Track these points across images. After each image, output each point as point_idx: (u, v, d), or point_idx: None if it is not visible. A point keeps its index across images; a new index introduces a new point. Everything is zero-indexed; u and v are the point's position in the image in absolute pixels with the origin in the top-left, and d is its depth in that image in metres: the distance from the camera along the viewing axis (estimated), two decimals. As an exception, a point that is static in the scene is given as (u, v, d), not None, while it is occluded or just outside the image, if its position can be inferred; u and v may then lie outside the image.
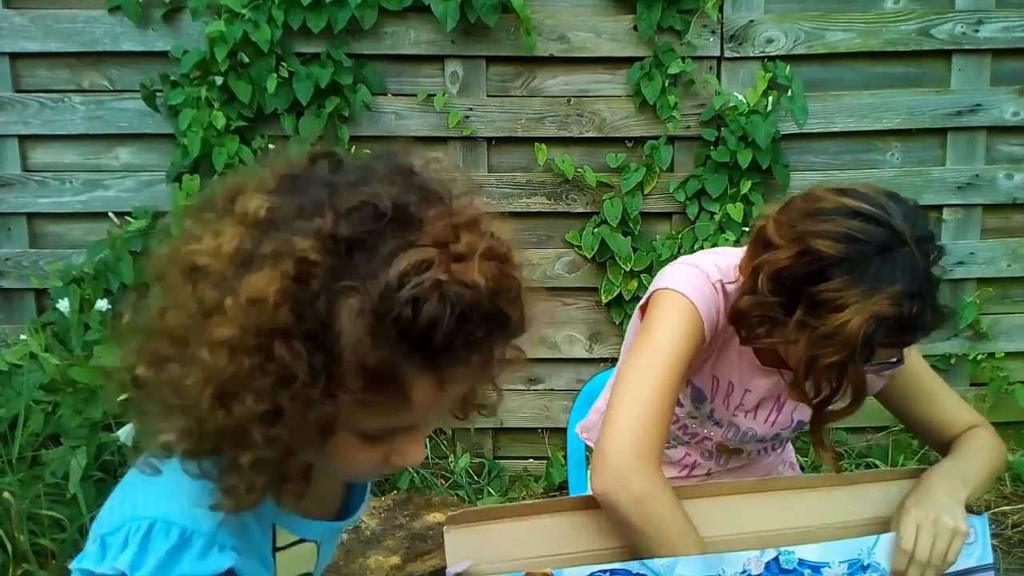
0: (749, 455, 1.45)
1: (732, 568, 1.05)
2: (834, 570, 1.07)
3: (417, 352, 0.62)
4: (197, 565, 0.66)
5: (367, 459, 0.71)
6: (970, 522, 1.14)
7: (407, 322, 0.60)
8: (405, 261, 0.61)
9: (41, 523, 1.95)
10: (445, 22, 2.44)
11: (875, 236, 1.08)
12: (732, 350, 1.30)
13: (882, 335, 1.08)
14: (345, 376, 0.61)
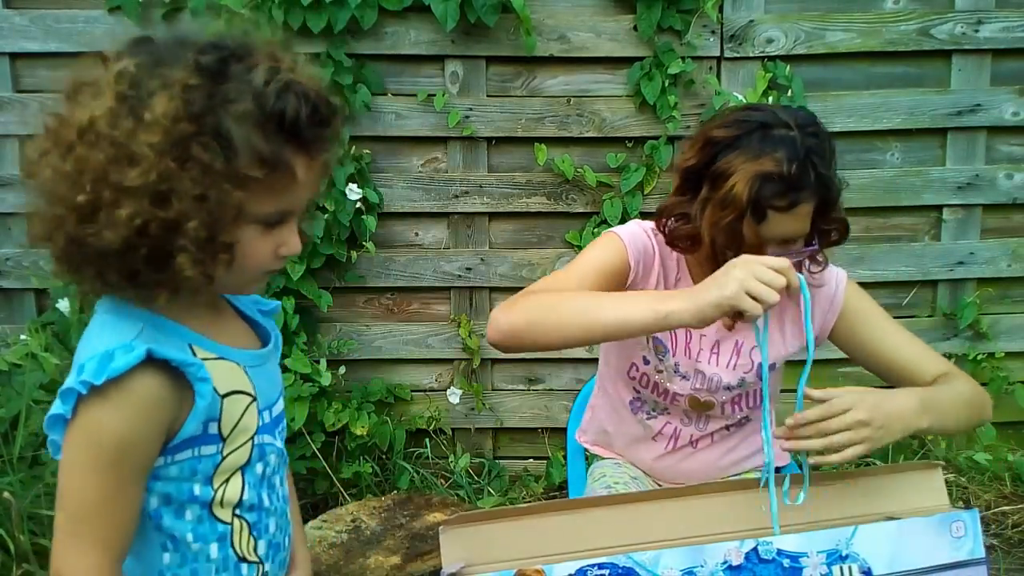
0: (722, 409, 1.50)
1: (713, 559, 1.08)
2: (812, 560, 1.09)
3: (292, 138, 0.84)
4: (121, 360, 0.83)
5: (263, 250, 0.90)
6: (961, 516, 1.15)
7: (280, 114, 0.83)
8: (261, 72, 0.83)
9: (41, 523, 1.95)
10: (445, 22, 2.44)
11: (758, 117, 1.30)
12: None
13: (768, 192, 1.25)
14: (245, 166, 0.82)
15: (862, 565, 1.10)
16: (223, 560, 0.96)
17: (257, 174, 0.83)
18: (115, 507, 0.87)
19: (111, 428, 0.85)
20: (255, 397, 0.96)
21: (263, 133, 0.82)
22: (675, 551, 1.08)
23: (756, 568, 1.08)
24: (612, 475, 1.60)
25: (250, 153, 0.82)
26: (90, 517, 0.86)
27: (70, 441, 0.86)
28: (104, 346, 0.86)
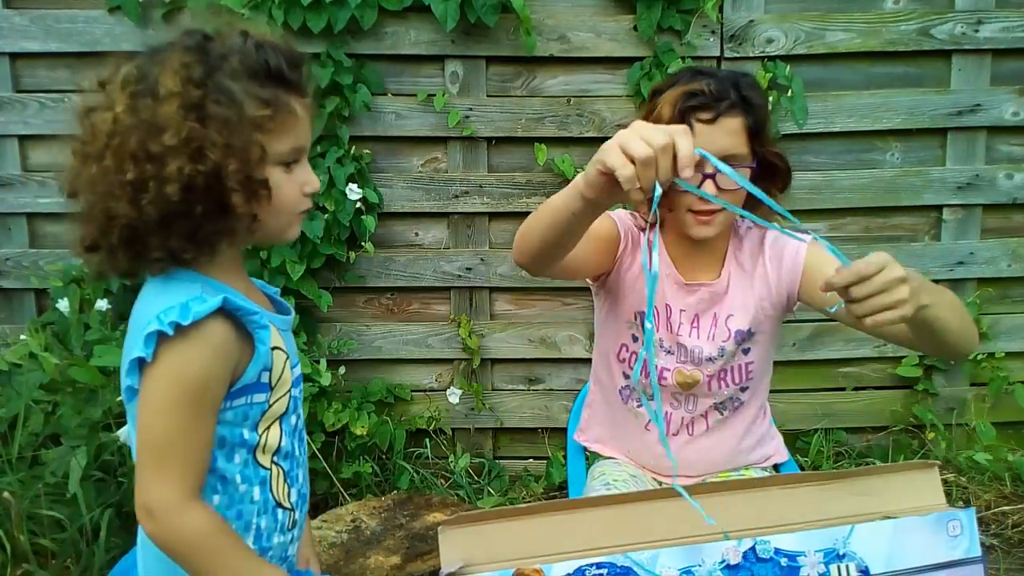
0: (709, 387, 1.53)
1: (711, 558, 1.08)
2: (810, 559, 1.10)
3: (281, 83, 0.99)
4: (201, 306, 0.94)
5: (291, 191, 1.02)
6: (957, 515, 1.15)
7: (264, 66, 0.98)
8: (236, 40, 0.99)
9: (41, 523, 1.96)
10: (445, 22, 2.44)
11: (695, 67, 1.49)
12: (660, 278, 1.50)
13: (692, 104, 1.35)
14: (254, 111, 0.96)
15: (859, 564, 1.11)
16: (263, 503, 1.06)
17: (266, 113, 0.96)
18: (195, 440, 0.97)
19: (193, 367, 0.95)
20: (288, 355, 1.09)
21: (257, 81, 0.97)
22: (673, 550, 1.08)
23: (754, 567, 1.08)
24: (611, 473, 1.60)
25: (254, 100, 0.96)
26: (173, 450, 0.95)
27: (153, 382, 0.95)
28: (174, 300, 0.95)
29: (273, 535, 1.09)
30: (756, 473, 1.62)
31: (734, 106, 1.36)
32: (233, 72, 0.96)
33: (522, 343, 2.71)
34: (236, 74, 0.96)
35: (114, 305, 2.44)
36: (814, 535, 1.11)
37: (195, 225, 0.96)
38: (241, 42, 0.98)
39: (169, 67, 0.95)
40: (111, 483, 2.12)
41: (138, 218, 0.95)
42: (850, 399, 2.77)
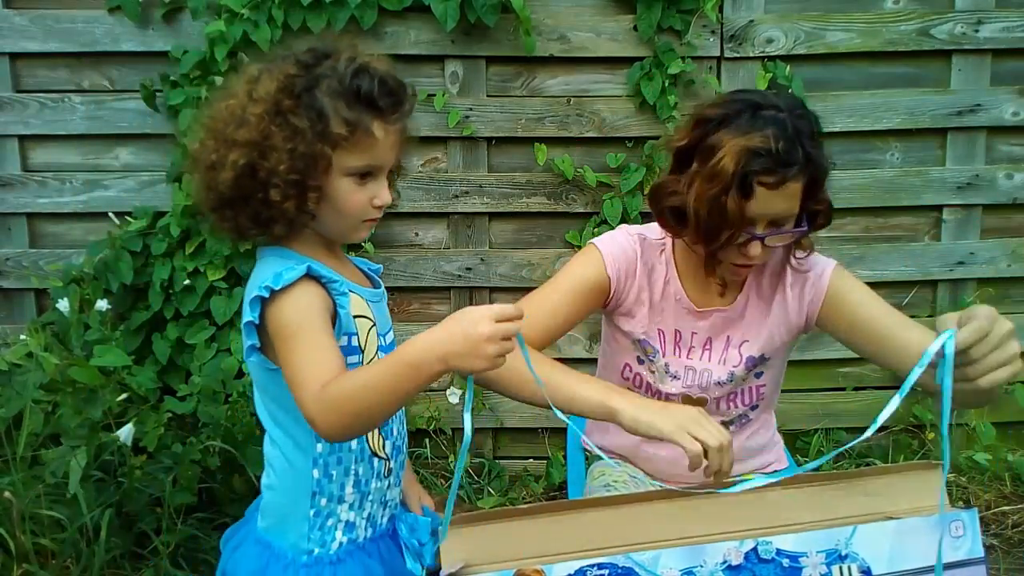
0: (718, 406, 1.52)
1: (713, 559, 1.08)
2: (812, 559, 1.09)
3: (369, 107, 1.12)
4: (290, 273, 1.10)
5: (359, 200, 1.15)
6: (959, 516, 1.15)
7: (358, 88, 1.11)
8: (343, 61, 1.12)
9: (41, 523, 1.95)
10: (445, 22, 2.44)
11: (749, 97, 1.33)
12: (668, 303, 1.49)
13: (755, 167, 1.26)
14: (333, 127, 1.10)
15: (861, 565, 1.10)
16: (360, 451, 1.21)
17: (343, 132, 1.10)
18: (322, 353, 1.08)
19: (296, 307, 1.09)
20: (375, 323, 1.22)
21: (346, 103, 1.10)
22: (674, 551, 1.08)
23: (756, 568, 1.08)
24: (612, 474, 1.60)
25: (336, 118, 1.10)
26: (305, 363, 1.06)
27: (275, 336, 1.10)
28: (267, 273, 1.11)
29: (371, 481, 1.23)
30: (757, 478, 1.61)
31: (800, 171, 1.28)
32: (329, 91, 1.10)
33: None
34: (331, 93, 1.10)
35: (114, 305, 2.44)
36: (816, 536, 1.11)
37: (255, 209, 1.12)
38: (346, 65, 1.11)
39: (275, 75, 1.11)
40: (111, 483, 2.12)
41: (213, 186, 1.12)
42: (850, 399, 2.77)
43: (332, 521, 1.21)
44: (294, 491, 1.20)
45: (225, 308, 2.50)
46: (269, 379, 1.15)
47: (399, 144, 1.20)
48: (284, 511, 1.22)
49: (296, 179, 1.10)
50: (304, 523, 1.20)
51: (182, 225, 2.48)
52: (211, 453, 2.22)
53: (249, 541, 1.27)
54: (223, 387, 2.39)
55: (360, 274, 1.30)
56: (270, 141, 1.09)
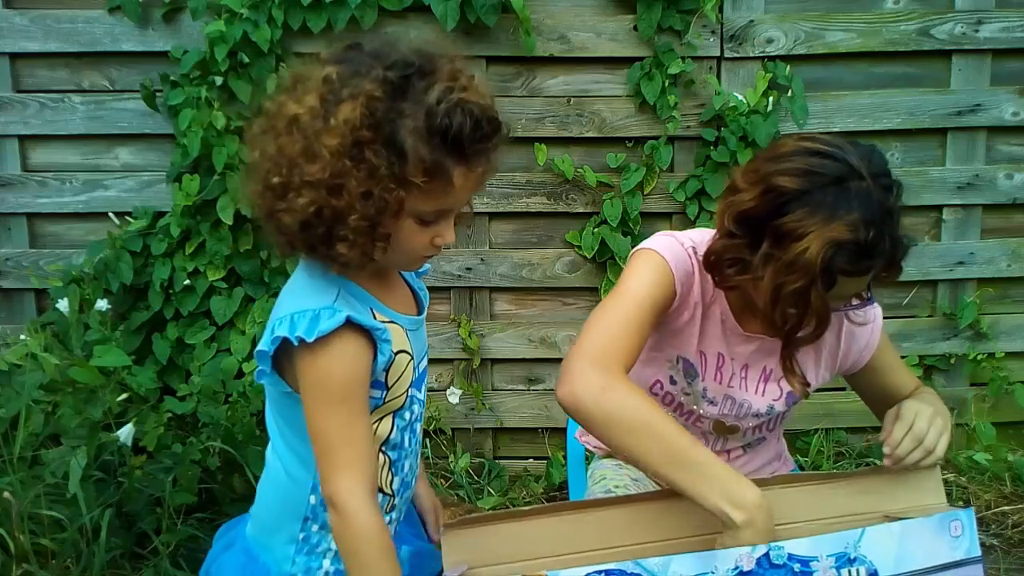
0: (744, 434, 1.47)
1: (724, 564, 1.07)
2: (822, 563, 1.09)
3: (454, 150, 0.97)
4: (327, 322, 1.00)
5: (421, 240, 1.05)
6: (957, 515, 1.15)
7: (446, 129, 0.95)
8: (436, 91, 0.96)
9: (41, 523, 1.95)
10: (445, 22, 2.44)
11: (831, 169, 1.17)
12: (713, 323, 1.38)
13: (841, 260, 1.15)
14: (410, 172, 0.96)
15: (869, 567, 1.10)
16: None
17: (419, 180, 0.97)
18: (356, 434, 1.04)
19: (338, 370, 1.02)
20: (412, 356, 1.15)
21: (429, 145, 0.96)
22: (685, 557, 1.06)
23: (767, 573, 1.07)
24: (613, 478, 1.59)
25: (416, 161, 0.96)
26: (341, 445, 1.03)
27: (306, 390, 1.04)
28: (309, 305, 1.03)
29: None
30: None
31: (882, 259, 1.22)
32: (412, 128, 0.96)
33: (522, 343, 2.71)
34: (414, 131, 0.96)
35: (114, 305, 2.44)
36: (826, 539, 1.10)
37: (311, 243, 1.02)
38: (439, 97, 0.96)
39: (356, 96, 0.96)
40: (111, 483, 2.12)
41: (272, 213, 1.01)
42: (850, 399, 2.75)
43: (322, 548, 1.16)
44: (286, 510, 1.15)
45: (225, 308, 2.50)
46: (283, 400, 1.11)
47: (479, 184, 1.06)
48: (273, 526, 1.17)
49: (366, 226, 0.98)
50: (291, 545, 1.15)
51: (182, 225, 2.48)
52: (211, 453, 2.22)
53: (237, 546, 1.22)
54: (223, 387, 2.39)
55: (407, 294, 1.22)
56: (343, 181, 0.96)
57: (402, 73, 0.97)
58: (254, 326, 2.51)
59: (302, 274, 1.10)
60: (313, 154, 0.96)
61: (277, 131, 1.00)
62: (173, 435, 2.31)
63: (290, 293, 1.09)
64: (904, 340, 2.72)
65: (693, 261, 1.35)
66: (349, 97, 0.96)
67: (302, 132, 0.98)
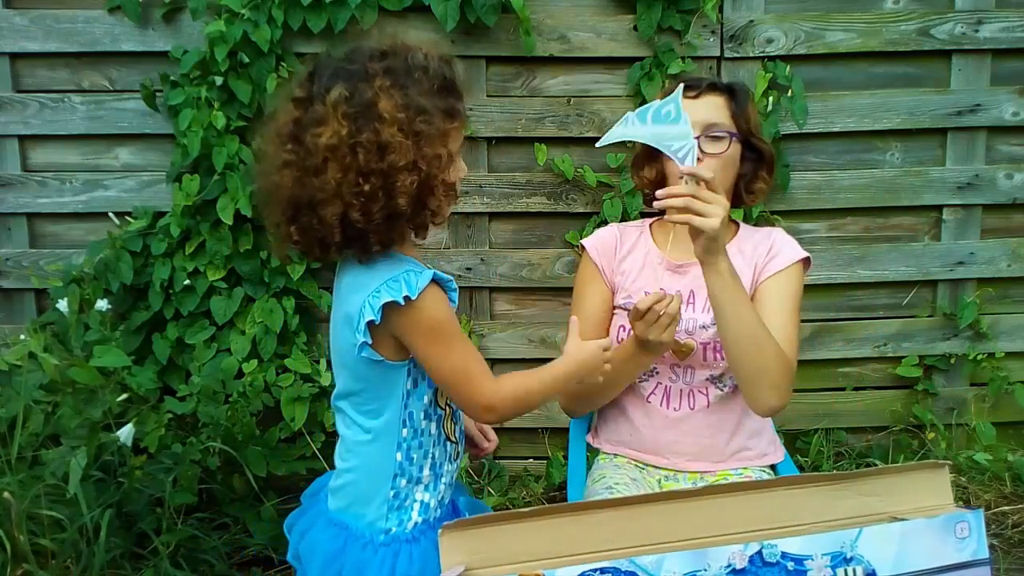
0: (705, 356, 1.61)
1: (717, 562, 1.07)
2: (817, 562, 1.09)
3: (454, 92, 1.22)
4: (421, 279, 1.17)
5: (459, 172, 1.24)
6: (965, 516, 1.15)
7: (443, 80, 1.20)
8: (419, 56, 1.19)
9: (41, 523, 1.95)
10: (445, 22, 2.44)
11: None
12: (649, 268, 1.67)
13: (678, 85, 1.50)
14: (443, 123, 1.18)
15: (867, 567, 1.10)
16: (438, 436, 1.31)
17: (451, 125, 1.18)
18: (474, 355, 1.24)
19: (444, 308, 1.21)
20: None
21: (440, 95, 1.18)
22: (678, 555, 1.07)
23: (760, 571, 1.08)
24: (612, 476, 1.61)
25: (441, 113, 1.17)
26: (470, 368, 1.22)
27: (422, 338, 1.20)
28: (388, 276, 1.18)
29: (444, 463, 1.33)
30: (755, 474, 1.63)
31: (715, 86, 1.59)
32: (422, 90, 1.16)
33: (522, 343, 2.71)
34: (425, 92, 1.16)
35: (114, 305, 2.44)
36: (821, 539, 1.10)
37: (406, 223, 1.18)
38: (424, 59, 1.18)
39: (383, 92, 1.13)
40: (111, 483, 2.12)
41: (367, 221, 1.14)
42: (850, 399, 2.77)
43: (409, 501, 1.28)
44: (378, 473, 1.27)
45: (225, 308, 2.50)
46: (373, 371, 1.23)
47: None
48: (365, 493, 1.28)
49: (444, 181, 1.18)
50: (384, 504, 1.27)
51: (182, 225, 2.48)
52: (211, 453, 2.22)
53: (321, 523, 1.33)
54: (223, 387, 2.39)
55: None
56: (417, 156, 1.14)
57: (389, 61, 1.17)
58: (254, 326, 2.51)
59: (357, 267, 1.23)
60: (387, 147, 1.12)
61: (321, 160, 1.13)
62: (173, 435, 2.31)
63: (361, 280, 1.21)
64: (904, 340, 2.72)
65: (618, 232, 1.73)
66: (376, 94, 1.13)
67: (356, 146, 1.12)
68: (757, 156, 1.64)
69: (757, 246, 1.64)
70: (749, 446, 1.65)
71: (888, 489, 1.20)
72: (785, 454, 1.73)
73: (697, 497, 1.17)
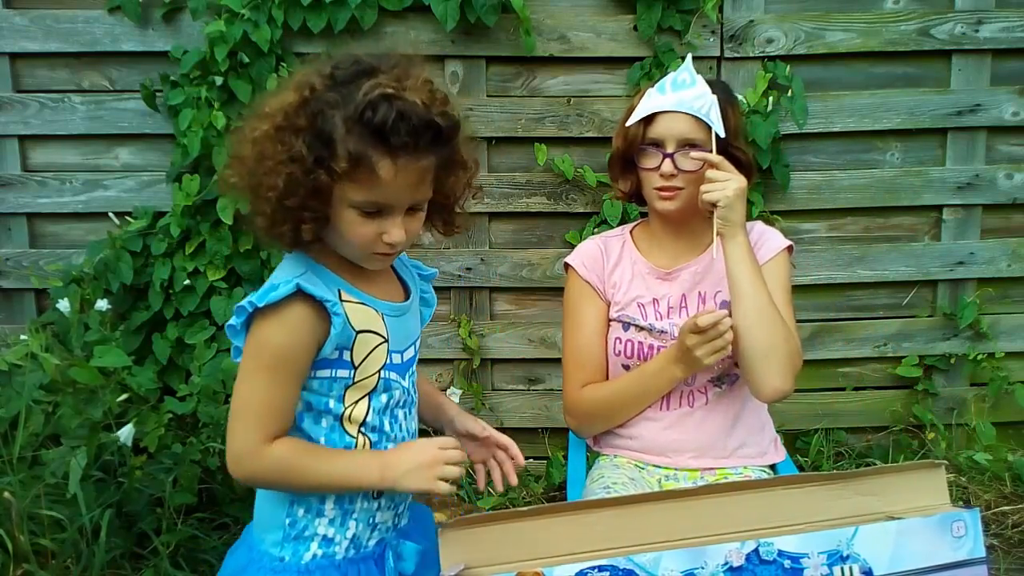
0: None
1: (714, 560, 1.08)
2: (813, 560, 1.09)
3: (379, 142, 1.02)
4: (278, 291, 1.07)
5: (366, 232, 1.09)
6: (961, 516, 1.15)
7: (369, 120, 1.01)
8: (368, 86, 1.02)
9: (41, 523, 1.95)
10: (445, 22, 2.44)
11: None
12: (637, 278, 1.67)
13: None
14: (336, 158, 1.02)
15: (863, 566, 1.10)
16: None
17: (342, 167, 1.03)
18: (274, 400, 1.11)
19: (271, 340, 1.09)
20: (387, 339, 1.18)
21: (353, 135, 1.02)
22: (675, 552, 1.08)
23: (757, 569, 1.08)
24: (611, 476, 1.61)
25: (341, 150, 1.02)
26: (251, 408, 1.11)
27: (245, 350, 1.11)
28: (275, 280, 1.11)
29: (356, 500, 1.19)
30: (754, 473, 1.63)
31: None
32: (343, 118, 1.02)
33: (522, 343, 2.71)
34: (343, 121, 1.02)
35: (114, 305, 2.44)
36: (818, 537, 1.10)
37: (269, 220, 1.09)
38: (370, 90, 1.02)
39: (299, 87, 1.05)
40: (111, 483, 2.12)
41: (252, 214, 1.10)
42: (850, 399, 2.77)
43: (309, 532, 1.18)
44: (273, 497, 1.19)
45: (225, 308, 2.50)
46: None
47: (425, 181, 1.10)
48: (265, 516, 1.21)
49: (290, 206, 1.05)
50: (280, 530, 1.19)
51: (182, 225, 2.48)
52: (211, 453, 2.22)
53: (243, 539, 1.28)
54: (223, 387, 2.39)
55: (393, 283, 1.27)
56: (268, 163, 1.04)
57: (349, 70, 1.05)
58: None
59: (282, 263, 1.18)
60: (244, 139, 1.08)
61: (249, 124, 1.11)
62: (173, 435, 2.31)
63: (271, 277, 1.16)
64: (904, 340, 2.72)
65: (601, 244, 1.73)
66: (294, 86, 1.06)
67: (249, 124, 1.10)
68: (735, 163, 1.57)
69: None
70: (750, 443, 1.65)
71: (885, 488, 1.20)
72: (786, 455, 1.73)
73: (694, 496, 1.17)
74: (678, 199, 1.58)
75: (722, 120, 1.55)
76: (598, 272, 1.70)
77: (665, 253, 1.67)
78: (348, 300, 1.14)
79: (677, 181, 1.55)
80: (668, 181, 1.55)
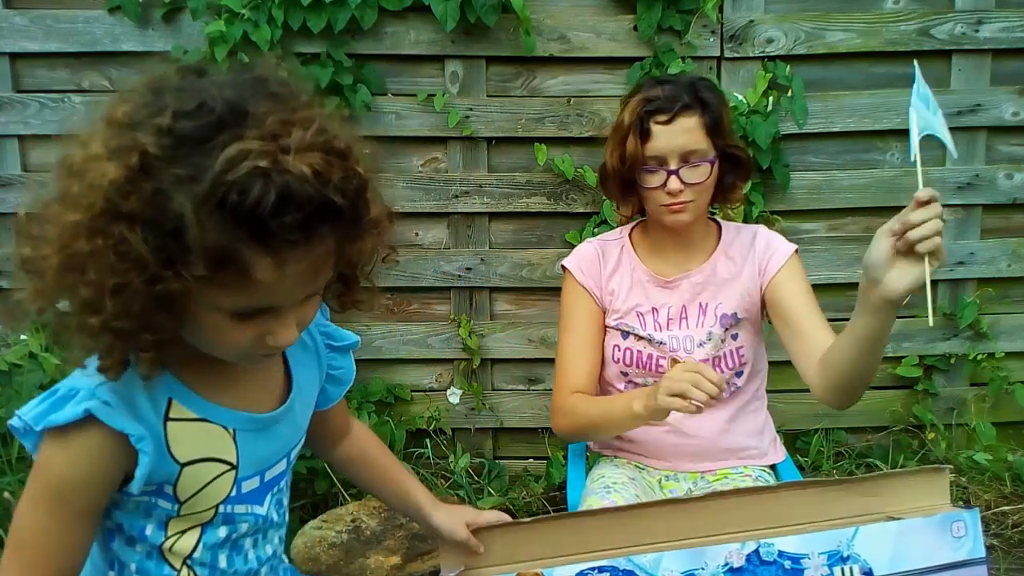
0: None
1: (714, 561, 1.08)
2: (814, 561, 1.09)
3: (251, 234, 0.70)
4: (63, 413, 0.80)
5: (241, 337, 0.80)
6: (961, 516, 1.15)
7: (236, 205, 0.68)
8: (231, 151, 0.69)
9: (41, 523, 1.95)
10: (445, 22, 2.44)
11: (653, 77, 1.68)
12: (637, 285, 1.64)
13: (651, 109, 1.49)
14: (189, 257, 0.70)
15: (863, 566, 1.10)
16: None
17: (199, 271, 0.71)
18: (51, 541, 0.86)
19: (52, 468, 0.85)
20: (235, 466, 0.93)
21: (212, 225, 0.69)
22: (675, 553, 1.08)
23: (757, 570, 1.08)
24: (611, 476, 1.61)
25: (196, 245, 0.70)
26: (27, 545, 0.86)
27: (32, 472, 0.87)
28: (74, 383, 0.83)
29: None
30: (755, 472, 1.63)
31: (688, 106, 1.50)
32: (196, 200, 0.69)
33: (522, 343, 2.71)
34: (197, 204, 0.69)
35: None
36: (818, 537, 1.11)
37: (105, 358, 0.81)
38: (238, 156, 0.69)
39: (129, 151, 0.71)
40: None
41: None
42: (850, 399, 2.77)
43: None
44: None
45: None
46: None
47: (322, 269, 0.81)
48: None
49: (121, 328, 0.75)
50: None
51: (182, 225, 2.48)
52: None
53: None
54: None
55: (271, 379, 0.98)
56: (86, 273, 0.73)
57: (196, 123, 0.71)
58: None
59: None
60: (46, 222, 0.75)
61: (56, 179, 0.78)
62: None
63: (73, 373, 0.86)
64: (904, 340, 2.72)
65: (599, 249, 1.70)
66: (116, 151, 0.72)
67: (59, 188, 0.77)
68: (735, 162, 1.60)
69: (747, 245, 1.64)
70: (750, 444, 1.65)
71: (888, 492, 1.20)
72: (786, 455, 1.73)
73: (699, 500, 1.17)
74: (688, 211, 1.54)
75: (717, 131, 1.52)
76: (595, 277, 1.68)
77: (666, 260, 1.65)
78: (179, 418, 0.88)
79: (685, 195, 1.52)
80: (676, 197, 1.52)
